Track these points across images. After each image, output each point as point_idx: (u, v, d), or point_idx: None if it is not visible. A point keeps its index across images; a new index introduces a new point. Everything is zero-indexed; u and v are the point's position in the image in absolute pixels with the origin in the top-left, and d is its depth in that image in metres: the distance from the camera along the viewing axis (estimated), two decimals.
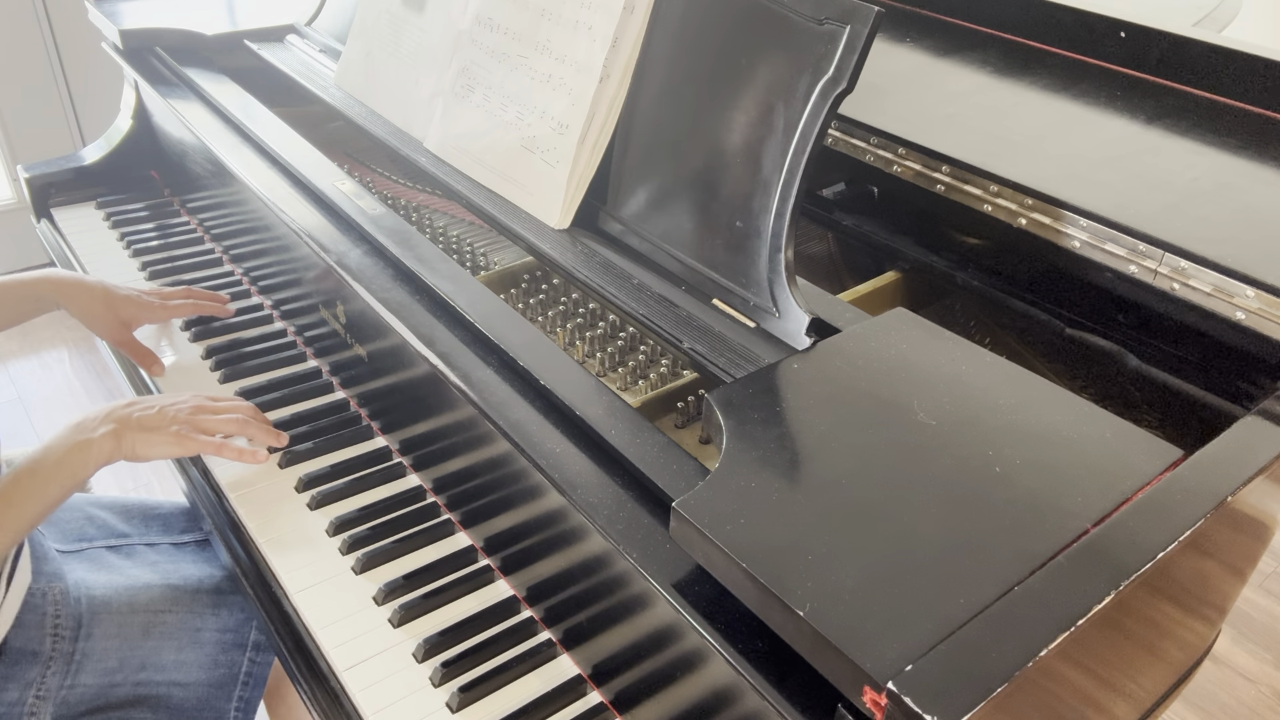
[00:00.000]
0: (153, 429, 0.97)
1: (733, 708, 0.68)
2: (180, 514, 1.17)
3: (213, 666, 1.07)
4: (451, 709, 0.84)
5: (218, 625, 1.08)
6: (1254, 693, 1.84)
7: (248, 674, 1.10)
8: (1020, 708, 0.60)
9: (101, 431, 0.94)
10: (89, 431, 0.94)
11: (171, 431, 0.98)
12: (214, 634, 1.07)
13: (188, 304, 1.24)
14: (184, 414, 0.99)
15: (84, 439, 0.94)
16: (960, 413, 0.76)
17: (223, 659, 1.08)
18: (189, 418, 0.99)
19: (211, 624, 1.07)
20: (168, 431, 0.98)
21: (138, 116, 1.59)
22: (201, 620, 1.07)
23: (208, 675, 1.07)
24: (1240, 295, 0.89)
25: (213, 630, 1.07)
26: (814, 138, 0.85)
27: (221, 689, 1.08)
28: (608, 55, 1.01)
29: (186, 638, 1.06)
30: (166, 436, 0.97)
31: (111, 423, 0.95)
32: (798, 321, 0.86)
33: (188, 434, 0.99)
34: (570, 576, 0.84)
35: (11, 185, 2.79)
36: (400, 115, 1.25)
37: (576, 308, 1.13)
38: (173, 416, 0.99)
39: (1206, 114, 1.17)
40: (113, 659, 1.02)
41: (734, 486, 0.68)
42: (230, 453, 1.01)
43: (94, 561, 1.07)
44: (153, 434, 0.97)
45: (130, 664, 1.03)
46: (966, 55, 1.34)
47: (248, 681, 1.10)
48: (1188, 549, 0.69)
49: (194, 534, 1.15)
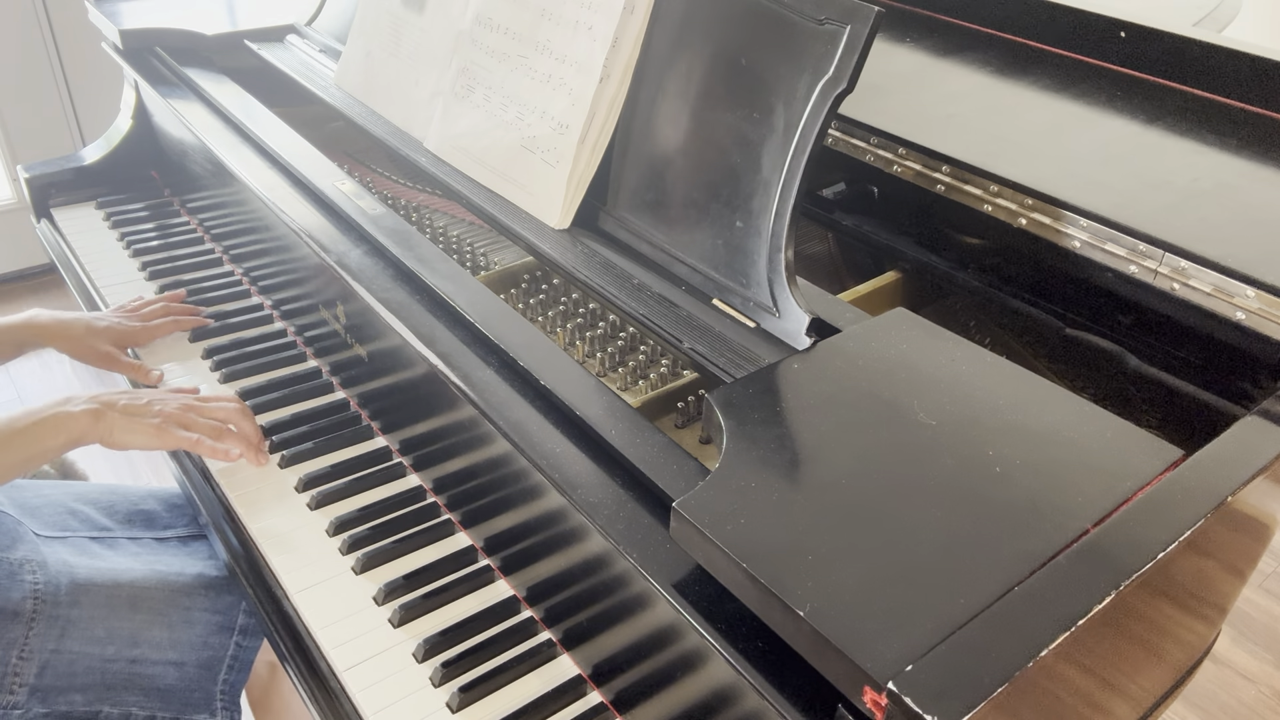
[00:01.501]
0: (134, 416, 0.97)
1: (733, 708, 0.68)
2: (164, 510, 1.18)
3: (202, 647, 1.07)
4: (451, 709, 0.84)
5: (207, 606, 1.08)
6: (1254, 693, 1.84)
7: (234, 657, 1.10)
8: (1020, 708, 0.60)
9: (82, 408, 0.95)
10: (71, 405, 0.95)
11: (153, 423, 0.98)
12: (204, 614, 1.08)
13: (167, 323, 1.26)
14: (170, 409, 1.00)
15: (63, 410, 0.95)
16: (960, 413, 0.76)
17: (211, 640, 1.08)
18: (174, 412, 1.00)
19: (201, 604, 1.08)
20: (148, 422, 0.98)
21: (138, 116, 1.59)
22: (191, 600, 1.07)
23: (197, 655, 1.07)
24: (1240, 295, 0.89)
25: (202, 610, 1.08)
26: (814, 138, 0.85)
27: (209, 670, 1.08)
28: (608, 55, 1.01)
29: (177, 615, 1.06)
30: (146, 426, 0.98)
31: (96, 403, 0.96)
32: (798, 321, 0.86)
33: (168, 428, 0.99)
34: (570, 576, 0.84)
35: (11, 185, 2.79)
36: (400, 115, 1.25)
37: (576, 308, 1.13)
38: (158, 410, 0.99)
39: (1206, 114, 1.17)
40: (100, 628, 1.02)
41: (734, 486, 0.68)
42: (205, 449, 1.02)
43: (76, 548, 1.07)
44: (133, 420, 0.97)
45: (120, 635, 1.03)
46: (966, 55, 1.34)
47: (233, 665, 1.10)
48: (1188, 549, 0.69)
49: (177, 530, 1.15)
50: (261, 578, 0.98)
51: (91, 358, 1.21)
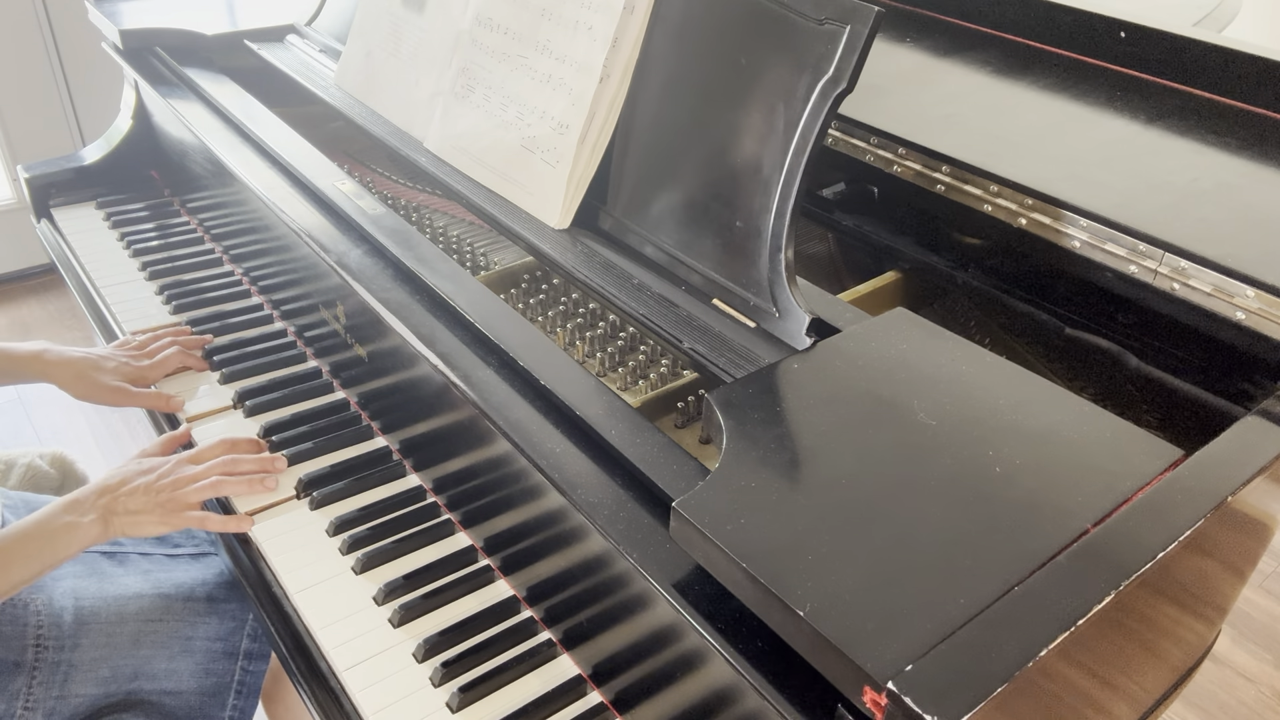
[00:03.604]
0: (137, 512, 0.99)
1: (733, 708, 0.68)
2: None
3: (204, 675, 1.08)
4: (451, 709, 0.84)
5: (208, 634, 1.08)
6: (1254, 693, 1.84)
7: (241, 682, 1.10)
8: (1020, 708, 0.60)
9: (90, 519, 0.97)
10: (79, 515, 0.97)
11: (156, 514, 1.00)
12: (204, 642, 1.08)
13: (175, 354, 1.23)
14: (166, 489, 1.00)
15: (73, 521, 0.96)
16: (960, 413, 0.76)
17: (214, 667, 1.08)
18: (171, 494, 1.00)
19: (202, 632, 1.08)
20: (153, 515, 1.00)
21: (138, 116, 1.59)
22: (192, 629, 1.07)
23: (199, 684, 1.07)
24: (1240, 295, 0.89)
25: (203, 639, 1.08)
26: (814, 138, 0.85)
27: (215, 697, 1.09)
28: (608, 55, 1.01)
29: (178, 646, 1.06)
30: (152, 519, 1.00)
31: (99, 510, 0.98)
32: (798, 321, 0.86)
33: (172, 512, 1.00)
34: (570, 576, 0.84)
35: (11, 185, 2.79)
36: (400, 115, 1.25)
37: (576, 308, 1.13)
38: (155, 496, 1.00)
39: (1206, 114, 1.17)
40: (104, 669, 1.02)
41: (734, 486, 0.68)
42: (214, 525, 1.02)
43: (87, 566, 1.07)
44: (138, 516, 0.99)
45: (122, 673, 1.03)
46: (966, 55, 1.34)
47: (241, 690, 1.10)
48: (1188, 549, 0.69)
49: (189, 546, 1.15)
50: (262, 578, 0.98)
51: (100, 395, 1.19)
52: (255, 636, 1.11)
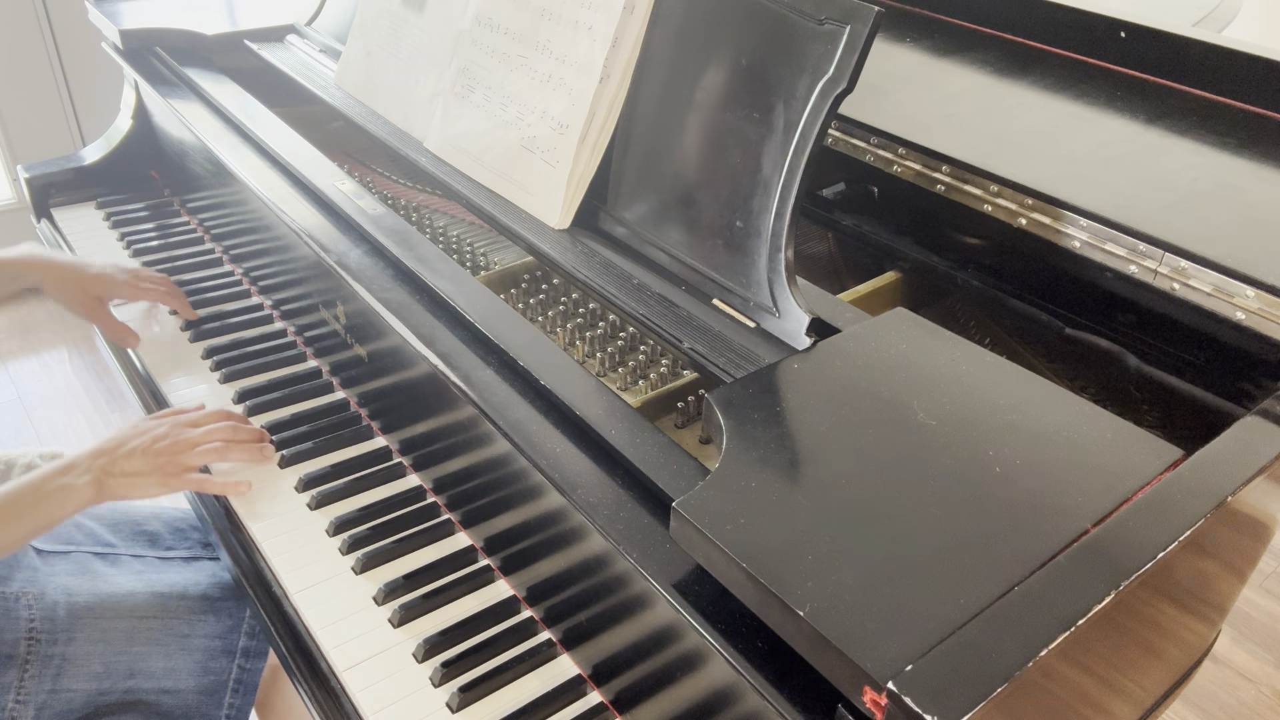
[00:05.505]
0: (135, 474, 0.99)
1: (733, 708, 0.68)
2: (167, 532, 1.18)
3: (202, 673, 1.08)
4: (451, 709, 0.84)
5: (205, 632, 1.08)
6: (1254, 693, 1.84)
7: (238, 680, 1.10)
8: (1020, 708, 0.60)
9: (85, 480, 0.97)
10: (74, 477, 0.97)
11: (154, 477, 0.99)
12: (202, 640, 1.08)
13: (157, 290, 1.27)
14: (165, 450, 1.00)
15: (67, 483, 0.96)
16: (960, 413, 0.76)
17: (212, 666, 1.08)
18: (170, 456, 1.00)
19: (199, 630, 1.08)
20: (151, 477, 0.99)
21: (138, 116, 1.59)
22: (189, 627, 1.07)
23: (197, 682, 1.07)
24: (1240, 295, 0.89)
25: (200, 637, 1.08)
26: (814, 138, 0.85)
27: (211, 696, 1.08)
28: (608, 55, 1.01)
29: (175, 644, 1.06)
30: (151, 481, 0.99)
31: (95, 471, 0.97)
32: (798, 321, 0.86)
33: (171, 474, 1.00)
34: (570, 576, 0.84)
35: (11, 185, 2.79)
36: (400, 115, 1.25)
37: (576, 308, 1.13)
38: (154, 458, 1.00)
39: (1206, 114, 1.17)
40: (97, 664, 1.02)
41: (734, 486, 0.68)
42: (214, 488, 1.02)
43: (78, 565, 1.07)
44: (136, 478, 0.99)
45: (117, 670, 1.03)
46: (966, 55, 1.34)
47: (238, 689, 1.10)
48: (1188, 549, 0.69)
49: (180, 550, 1.15)
50: (262, 577, 0.98)
51: (77, 303, 1.23)
52: (253, 634, 1.11)
